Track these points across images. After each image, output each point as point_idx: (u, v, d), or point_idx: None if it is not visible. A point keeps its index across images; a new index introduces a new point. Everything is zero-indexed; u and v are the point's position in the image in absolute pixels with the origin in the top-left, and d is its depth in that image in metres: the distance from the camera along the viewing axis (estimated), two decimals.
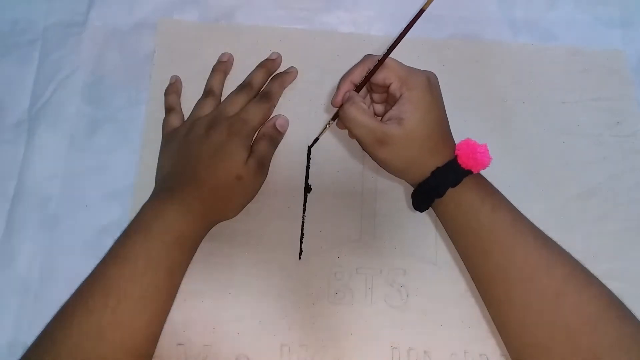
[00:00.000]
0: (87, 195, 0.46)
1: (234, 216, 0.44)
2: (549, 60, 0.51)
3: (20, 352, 0.35)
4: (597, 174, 0.47)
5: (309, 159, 0.46)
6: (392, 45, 0.38)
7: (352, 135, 0.39)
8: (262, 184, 0.45)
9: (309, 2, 0.53)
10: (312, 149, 0.47)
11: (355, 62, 0.40)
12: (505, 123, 0.49)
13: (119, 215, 0.45)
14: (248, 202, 0.45)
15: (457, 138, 0.38)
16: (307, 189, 0.46)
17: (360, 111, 0.37)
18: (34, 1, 0.52)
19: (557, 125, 0.49)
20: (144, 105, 0.49)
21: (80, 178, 0.46)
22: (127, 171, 0.47)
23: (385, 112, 0.39)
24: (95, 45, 0.51)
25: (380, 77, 0.38)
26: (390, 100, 0.39)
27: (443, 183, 0.36)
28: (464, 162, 0.36)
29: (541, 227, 0.36)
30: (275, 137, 0.46)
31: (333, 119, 0.41)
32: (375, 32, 0.52)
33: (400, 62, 0.38)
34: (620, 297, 0.34)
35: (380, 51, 0.39)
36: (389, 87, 0.38)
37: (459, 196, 0.36)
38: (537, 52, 0.52)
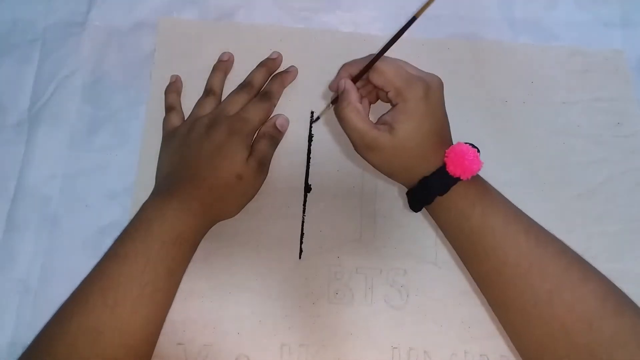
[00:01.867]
0: (87, 195, 0.46)
1: (234, 215, 0.44)
2: (549, 60, 0.51)
3: (20, 352, 0.35)
4: (597, 174, 0.47)
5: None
6: (384, 48, 0.37)
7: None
8: (262, 183, 0.45)
9: (309, 2, 0.53)
10: (312, 146, 0.46)
11: None
12: (506, 123, 0.49)
13: (119, 215, 0.45)
14: (248, 202, 0.45)
15: (457, 138, 0.38)
16: (307, 188, 0.46)
17: (354, 113, 0.37)
18: (34, 1, 0.52)
19: (557, 126, 0.49)
20: (144, 105, 0.49)
21: (80, 178, 0.46)
22: (127, 171, 0.46)
23: (382, 99, 0.38)
24: (95, 45, 0.51)
25: (378, 82, 0.37)
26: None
27: (430, 192, 0.36)
28: (452, 169, 0.35)
29: None
30: (275, 137, 0.46)
31: (332, 102, 0.42)
32: (376, 32, 0.52)
33: (402, 70, 0.37)
34: None
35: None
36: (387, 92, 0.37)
37: (448, 202, 0.36)
38: (537, 52, 0.52)
